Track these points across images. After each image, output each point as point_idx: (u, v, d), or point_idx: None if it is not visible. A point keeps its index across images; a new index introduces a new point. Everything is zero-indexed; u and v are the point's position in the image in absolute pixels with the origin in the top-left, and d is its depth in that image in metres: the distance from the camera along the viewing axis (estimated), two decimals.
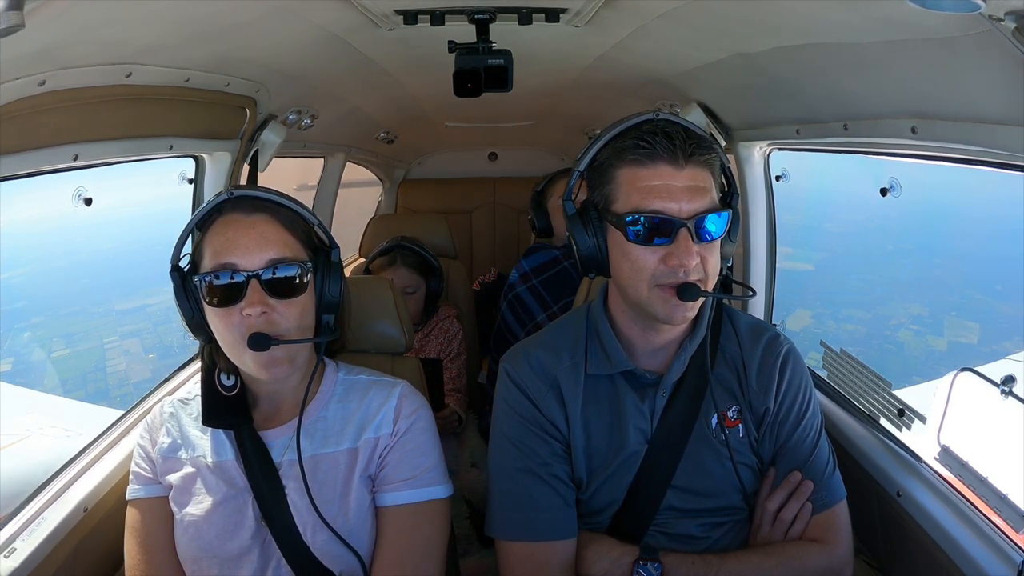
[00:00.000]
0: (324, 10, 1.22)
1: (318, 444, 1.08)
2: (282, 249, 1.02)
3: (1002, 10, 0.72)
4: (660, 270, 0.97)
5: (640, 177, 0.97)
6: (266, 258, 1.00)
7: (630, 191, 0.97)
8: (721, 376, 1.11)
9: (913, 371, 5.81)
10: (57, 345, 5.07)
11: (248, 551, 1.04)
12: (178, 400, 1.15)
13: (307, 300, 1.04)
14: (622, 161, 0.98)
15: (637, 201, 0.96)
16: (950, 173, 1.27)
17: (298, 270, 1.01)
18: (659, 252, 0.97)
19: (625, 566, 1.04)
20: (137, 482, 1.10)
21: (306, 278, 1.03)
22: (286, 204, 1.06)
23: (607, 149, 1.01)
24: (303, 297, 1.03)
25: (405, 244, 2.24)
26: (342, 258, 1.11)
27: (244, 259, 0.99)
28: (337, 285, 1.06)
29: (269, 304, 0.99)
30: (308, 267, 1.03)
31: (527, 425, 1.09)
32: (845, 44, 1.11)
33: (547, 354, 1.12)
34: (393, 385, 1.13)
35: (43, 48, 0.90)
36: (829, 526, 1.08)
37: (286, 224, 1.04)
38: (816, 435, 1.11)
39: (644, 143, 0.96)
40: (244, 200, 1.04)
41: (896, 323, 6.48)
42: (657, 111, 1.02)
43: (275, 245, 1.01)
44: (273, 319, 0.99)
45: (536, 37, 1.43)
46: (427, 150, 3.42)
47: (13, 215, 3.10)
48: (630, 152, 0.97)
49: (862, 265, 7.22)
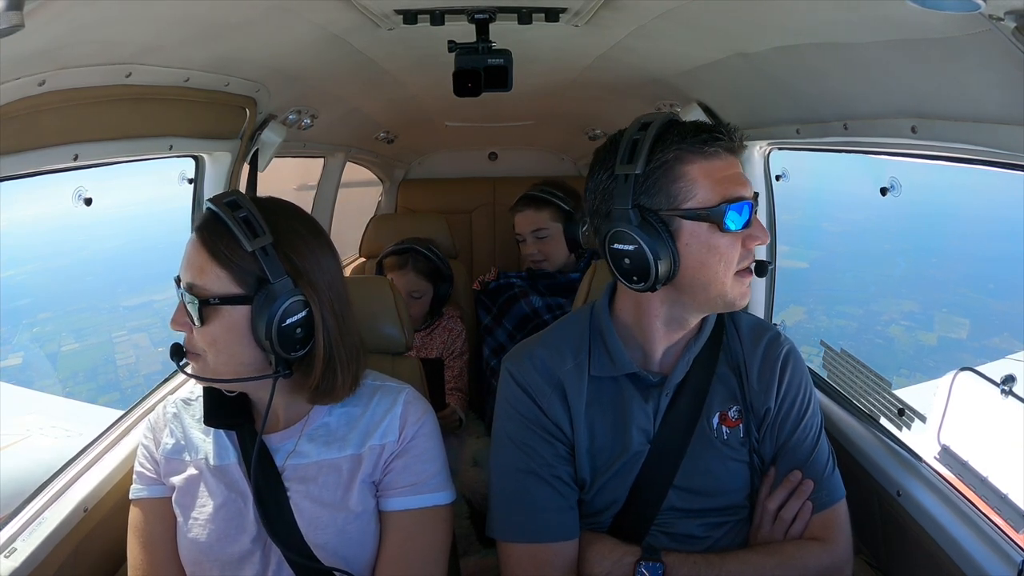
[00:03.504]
0: (324, 10, 1.22)
1: (321, 449, 1.08)
2: (196, 275, 0.97)
3: (1002, 10, 0.72)
4: (741, 255, 1.00)
5: (716, 168, 0.99)
6: (185, 280, 0.99)
7: (712, 184, 0.98)
8: (723, 376, 1.11)
9: (901, 364, 5.88)
10: (66, 340, 5.12)
11: (249, 555, 1.04)
12: (181, 400, 1.15)
13: (219, 331, 0.98)
14: (693, 155, 0.98)
15: (723, 191, 0.98)
16: (947, 173, 1.27)
17: (197, 301, 0.96)
18: (739, 237, 0.99)
19: (627, 566, 1.04)
20: (141, 482, 1.10)
21: (215, 308, 0.97)
22: (221, 228, 0.97)
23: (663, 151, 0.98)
24: (212, 327, 0.97)
25: (419, 248, 2.23)
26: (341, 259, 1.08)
27: (183, 275, 1.00)
28: (266, 324, 0.95)
29: (184, 323, 1.00)
30: (213, 302, 0.96)
31: (530, 426, 1.08)
32: (845, 44, 1.11)
33: (550, 354, 1.11)
34: (398, 391, 1.12)
35: (43, 48, 0.90)
36: (829, 525, 1.08)
37: (211, 250, 0.97)
38: (816, 435, 1.11)
39: (711, 137, 0.98)
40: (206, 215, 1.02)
41: (887, 319, 6.55)
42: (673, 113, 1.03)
43: (193, 270, 0.98)
44: (191, 338, 1.00)
45: (536, 37, 1.43)
46: (427, 150, 3.42)
47: (16, 214, 3.11)
48: (698, 147, 0.98)
49: (857, 263, 7.27)
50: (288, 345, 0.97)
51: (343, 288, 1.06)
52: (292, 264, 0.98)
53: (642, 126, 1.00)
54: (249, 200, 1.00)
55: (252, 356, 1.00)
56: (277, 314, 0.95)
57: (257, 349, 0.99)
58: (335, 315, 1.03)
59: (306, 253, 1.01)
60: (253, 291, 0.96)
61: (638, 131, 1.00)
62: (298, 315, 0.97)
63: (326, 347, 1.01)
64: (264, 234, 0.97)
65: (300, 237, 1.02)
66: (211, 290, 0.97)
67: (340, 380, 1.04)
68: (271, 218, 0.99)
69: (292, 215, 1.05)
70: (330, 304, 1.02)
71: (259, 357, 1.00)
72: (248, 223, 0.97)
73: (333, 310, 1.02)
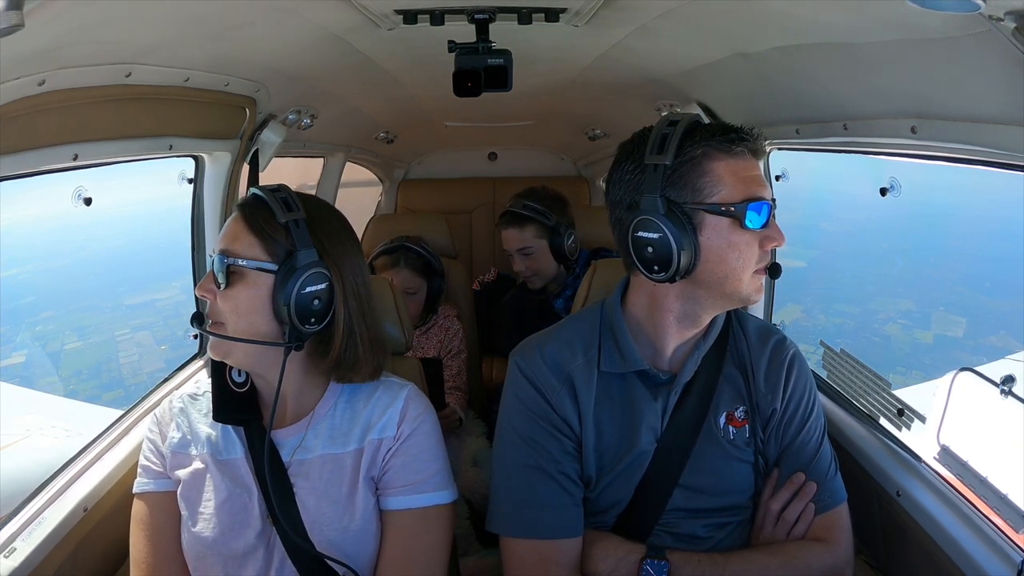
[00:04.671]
0: (324, 10, 1.22)
1: (326, 444, 1.08)
2: (230, 242, 1.03)
3: (1002, 10, 0.72)
4: (759, 255, 1.01)
5: (741, 168, 1.00)
6: (220, 247, 1.04)
7: (736, 181, 0.99)
8: (730, 376, 1.12)
9: (897, 362, 5.90)
10: (69, 338, 5.15)
11: (253, 550, 1.04)
12: (187, 395, 1.15)
13: (243, 296, 1.02)
14: (721, 153, 1.00)
15: (746, 190, 0.99)
16: (945, 173, 1.27)
17: (224, 262, 1.01)
18: (757, 237, 1.00)
19: (632, 564, 1.04)
20: (146, 476, 1.10)
21: (240, 273, 1.01)
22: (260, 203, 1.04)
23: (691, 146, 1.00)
24: (236, 291, 1.01)
25: (409, 245, 2.23)
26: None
27: (219, 244, 1.05)
28: (286, 292, 0.99)
29: (210, 290, 1.03)
30: (241, 263, 1.01)
31: (538, 422, 1.08)
32: (845, 44, 1.11)
33: (560, 350, 1.11)
34: (400, 387, 1.13)
35: (43, 48, 0.90)
36: (831, 527, 1.09)
37: (248, 220, 1.04)
38: (820, 437, 1.12)
39: (738, 137, 1.00)
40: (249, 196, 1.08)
41: (884, 317, 6.58)
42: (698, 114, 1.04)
43: (228, 237, 1.04)
44: (214, 305, 1.04)
45: (536, 37, 1.43)
46: (427, 150, 3.42)
47: (17, 214, 3.11)
48: (726, 146, 0.99)
49: (854, 263, 7.29)
50: (304, 315, 1.00)
51: (368, 281, 1.10)
52: (320, 242, 1.04)
53: (670, 123, 1.02)
54: (291, 189, 1.08)
55: (270, 327, 1.03)
56: (299, 281, 0.99)
57: (275, 323, 1.02)
58: (357, 297, 1.07)
59: (335, 237, 1.07)
60: (280, 262, 1.01)
61: (667, 126, 1.01)
62: (318, 286, 1.01)
63: (346, 320, 1.05)
64: (298, 210, 1.04)
65: (331, 224, 1.08)
66: (241, 254, 1.02)
67: (363, 355, 1.07)
68: (308, 204, 1.07)
69: (327, 207, 1.12)
70: (354, 287, 1.06)
71: (276, 331, 1.03)
72: (285, 201, 1.04)
73: (356, 293, 1.06)
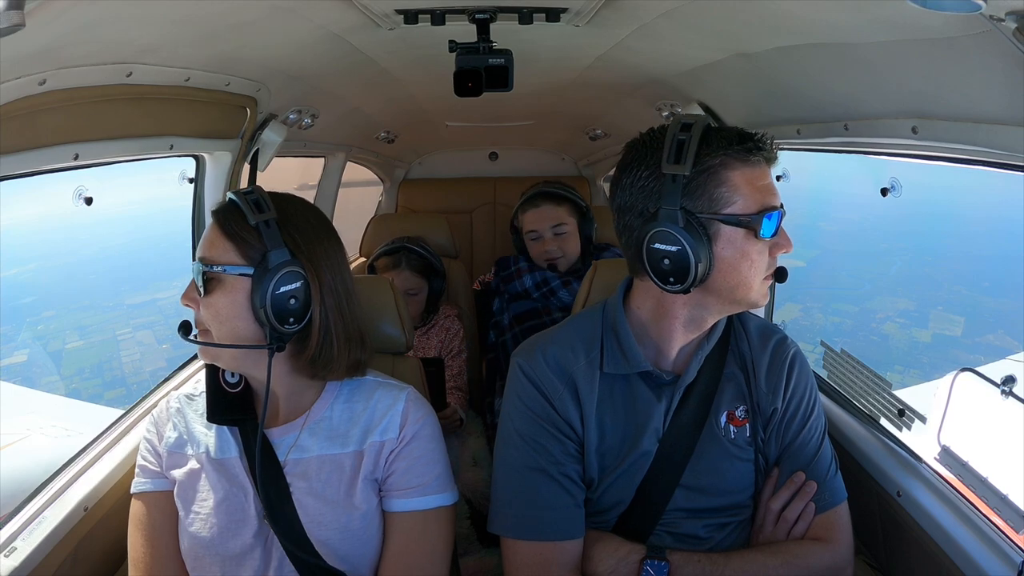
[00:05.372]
0: (324, 10, 1.22)
1: (323, 444, 1.08)
2: (207, 249, 1.04)
3: (1002, 10, 0.72)
4: (769, 262, 1.02)
5: (757, 176, 1.00)
6: (198, 256, 1.05)
7: (752, 191, 0.99)
8: (731, 375, 1.12)
9: (895, 360, 5.91)
10: (71, 337, 5.15)
11: (251, 550, 1.04)
12: (184, 395, 1.16)
13: (222, 302, 1.02)
14: (738, 163, 0.99)
15: (761, 200, 0.99)
16: (944, 173, 1.27)
17: (202, 268, 1.02)
18: (768, 244, 1.00)
19: (632, 564, 1.04)
20: (144, 475, 1.11)
21: (217, 279, 1.02)
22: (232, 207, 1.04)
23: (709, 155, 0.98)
24: (215, 297, 1.02)
25: (410, 246, 2.23)
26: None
27: (197, 252, 1.06)
28: (261, 294, 0.99)
29: (192, 298, 1.05)
30: (216, 269, 1.01)
31: (541, 423, 1.08)
32: (845, 44, 1.11)
33: (563, 351, 1.11)
34: (400, 389, 1.13)
35: (43, 48, 0.90)
36: (831, 526, 1.09)
37: (221, 225, 1.04)
38: (820, 437, 1.12)
39: (755, 146, 0.99)
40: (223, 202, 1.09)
41: (882, 316, 6.60)
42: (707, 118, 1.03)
43: (206, 244, 1.05)
44: (198, 314, 1.05)
45: (537, 37, 1.43)
46: (427, 150, 3.42)
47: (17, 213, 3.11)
48: (743, 155, 0.98)
49: (853, 262, 7.30)
50: (282, 316, 1.01)
51: (347, 276, 1.09)
52: (294, 240, 1.03)
53: (683, 127, 0.99)
54: (264, 191, 1.07)
55: (251, 330, 1.03)
56: (272, 282, 0.99)
57: (256, 325, 1.02)
58: (334, 295, 1.06)
59: (309, 234, 1.06)
60: (256, 264, 1.01)
61: (681, 131, 0.99)
62: (293, 285, 1.01)
63: (322, 318, 1.05)
64: (268, 211, 1.03)
65: (305, 221, 1.07)
66: (217, 260, 1.02)
67: (337, 352, 1.06)
68: (280, 203, 1.06)
69: (301, 205, 1.10)
70: (331, 285, 1.05)
71: (258, 333, 1.03)
72: (256, 203, 1.04)
73: (333, 290, 1.06)
